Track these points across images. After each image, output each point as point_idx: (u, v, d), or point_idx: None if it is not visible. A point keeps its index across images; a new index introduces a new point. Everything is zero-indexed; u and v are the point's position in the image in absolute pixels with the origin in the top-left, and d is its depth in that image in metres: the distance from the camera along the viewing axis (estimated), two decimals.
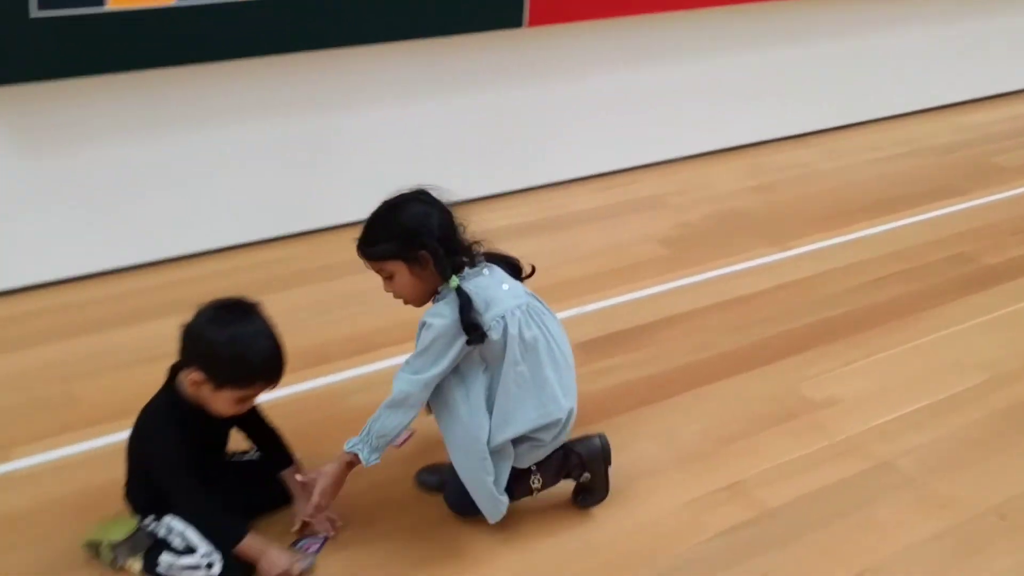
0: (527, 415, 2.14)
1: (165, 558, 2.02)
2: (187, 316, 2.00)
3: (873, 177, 4.43)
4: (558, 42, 3.88)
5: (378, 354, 2.90)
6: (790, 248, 3.70)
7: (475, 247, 2.19)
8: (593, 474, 2.29)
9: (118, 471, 2.14)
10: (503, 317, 2.10)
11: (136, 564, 2.05)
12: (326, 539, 2.18)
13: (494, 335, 2.08)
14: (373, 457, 2.10)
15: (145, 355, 2.83)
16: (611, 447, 2.29)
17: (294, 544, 2.16)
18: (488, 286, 2.14)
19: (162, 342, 2.12)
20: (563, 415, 2.18)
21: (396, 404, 2.08)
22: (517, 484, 2.23)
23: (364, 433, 2.11)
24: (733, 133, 4.63)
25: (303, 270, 3.43)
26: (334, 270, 3.35)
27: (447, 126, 3.81)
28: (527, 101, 3.94)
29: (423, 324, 2.10)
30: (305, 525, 2.19)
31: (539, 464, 2.24)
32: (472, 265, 2.15)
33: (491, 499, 2.14)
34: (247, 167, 3.46)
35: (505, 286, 2.18)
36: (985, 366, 2.97)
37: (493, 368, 2.13)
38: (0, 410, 2.63)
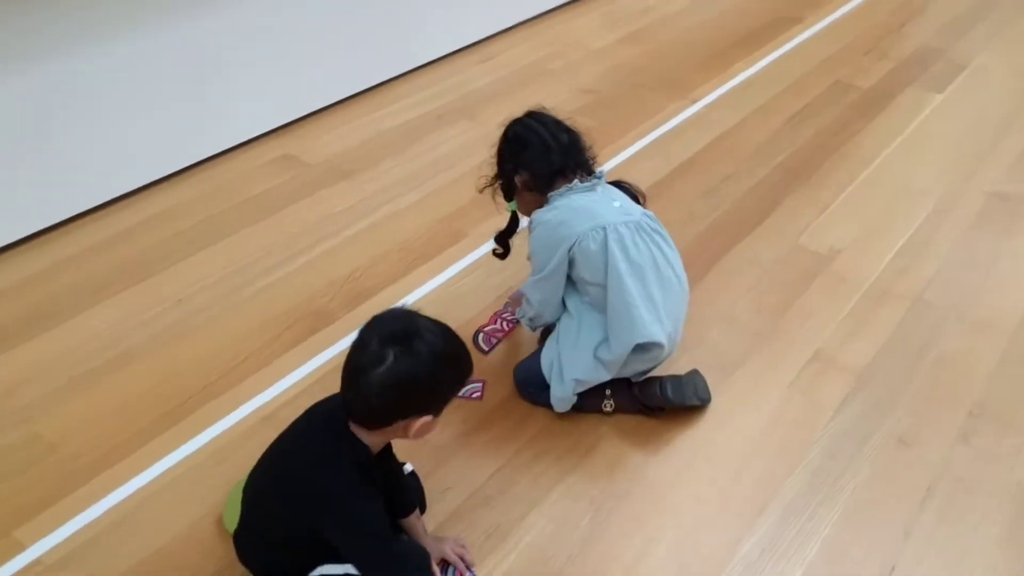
0: (628, 333, 2.04)
1: None
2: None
3: (717, 14, 4.45)
4: None
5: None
6: (697, 99, 3.64)
7: (581, 170, 2.12)
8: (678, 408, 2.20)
9: None
10: (603, 228, 2.02)
11: None
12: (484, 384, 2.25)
13: (592, 245, 2.02)
14: (525, 322, 2.27)
15: (99, 359, 2.25)
16: (707, 387, 2.20)
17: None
18: (595, 201, 2.08)
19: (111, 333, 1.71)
20: (663, 339, 2.06)
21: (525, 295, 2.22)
22: (589, 398, 2.18)
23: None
24: None
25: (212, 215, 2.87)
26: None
27: (325, 9, 3.26)
28: None
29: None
30: None
31: (615, 389, 2.18)
32: (581, 180, 2.10)
33: (567, 396, 2.13)
34: (102, 102, 2.76)
35: (616, 203, 2.10)
36: (926, 188, 3.15)
37: (601, 279, 2.05)
38: None
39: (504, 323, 2.46)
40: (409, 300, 2.54)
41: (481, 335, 2.43)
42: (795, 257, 2.78)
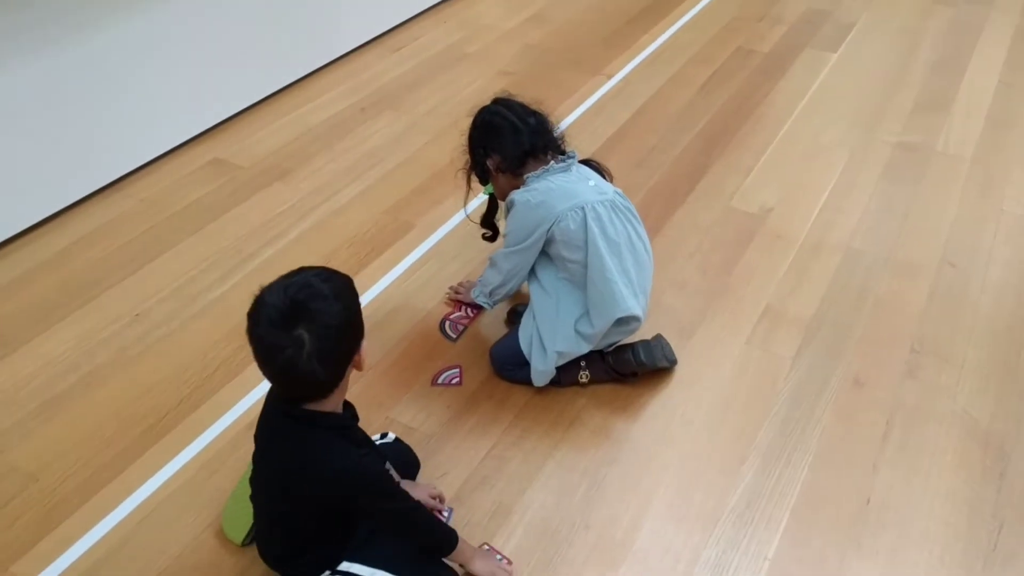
0: (609, 307, 2.14)
1: None
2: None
3: None
4: None
5: None
6: (611, 75, 3.74)
7: (551, 151, 2.21)
8: (649, 372, 2.31)
9: None
10: (582, 208, 2.12)
11: None
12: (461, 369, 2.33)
13: (572, 224, 2.12)
14: (482, 299, 2.38)
15: (63, 384, 2.20)
16: (672, 350, 2.30)
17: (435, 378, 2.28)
18: (571, 180, 2.17)
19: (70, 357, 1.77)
20: (640, 313, 2.18)
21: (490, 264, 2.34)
22: (565, 372, 2.27)
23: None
24: None
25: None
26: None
27: (237, 8, 3.21)
28: None
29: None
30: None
31: (589, 361, 2.27)
32: (556, 160, 2.19)
33: (549, 370, 2.21)
34: (21, 120, 2.66)
35: (591, 182, 2.19)
36: (837, 143, 3.34)
37: (581, 257, 2.14)
38: None
39: (467, 310, 2.51)
40: (367, 298, 2.55)
41: (447, 323, 2.47)
42: (730, 218, 2.92)
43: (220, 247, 2.73)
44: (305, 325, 1.45)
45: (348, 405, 1.69)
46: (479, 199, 2.49)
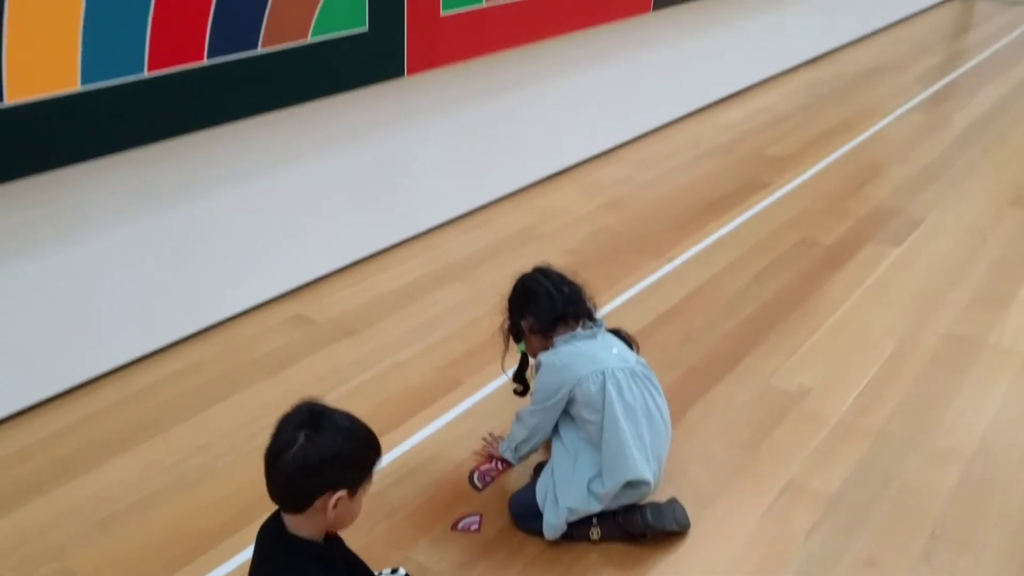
0: (620, 470, 2.28)
1: None
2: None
3: (689, 181, 4.84)
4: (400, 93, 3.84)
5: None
6: (672, 258, 3.96)
7: (582, 318, 2.41)
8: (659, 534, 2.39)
9: None
10: (603, 373, 2.29)
11: None
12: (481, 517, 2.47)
13: (592, 387, 2.28)
14: (508, 454, 2.53)
15: (125, 502, 2.44)
16: (686, 514, 2.40)
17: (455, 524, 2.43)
18: (595, 347, 2.36)
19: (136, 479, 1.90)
20: (650, 478, 2.31)
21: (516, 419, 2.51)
22: (577, 527, 2.37)
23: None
24: (560, 158, 4.87)
25: (223, 374, 3.11)
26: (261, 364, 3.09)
27: (332, 183, 3.62)
28: (395, 147, 3.86)
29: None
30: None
31: (601, 518, 2.37)
32: (584, 327, 2.38)
33: (559, 524, 2.32)
34: (131, 270, 3.06)
35: (614, 350, 2.38)
36: (886, 330, 3.42)
37: (599, 419, 2.28)
38: None
39: (498, 463, 2.66)
40: (408, 444, 2.75)
41: (476, 474, 2.63)
42: (766, 397, 3.01)
43: (285, 391, 3.00)
44: (308, 432, 1.70)
45: (338, 540, 1.86)
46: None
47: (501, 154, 4.43)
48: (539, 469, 2.59)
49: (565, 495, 2.31)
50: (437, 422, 2.86)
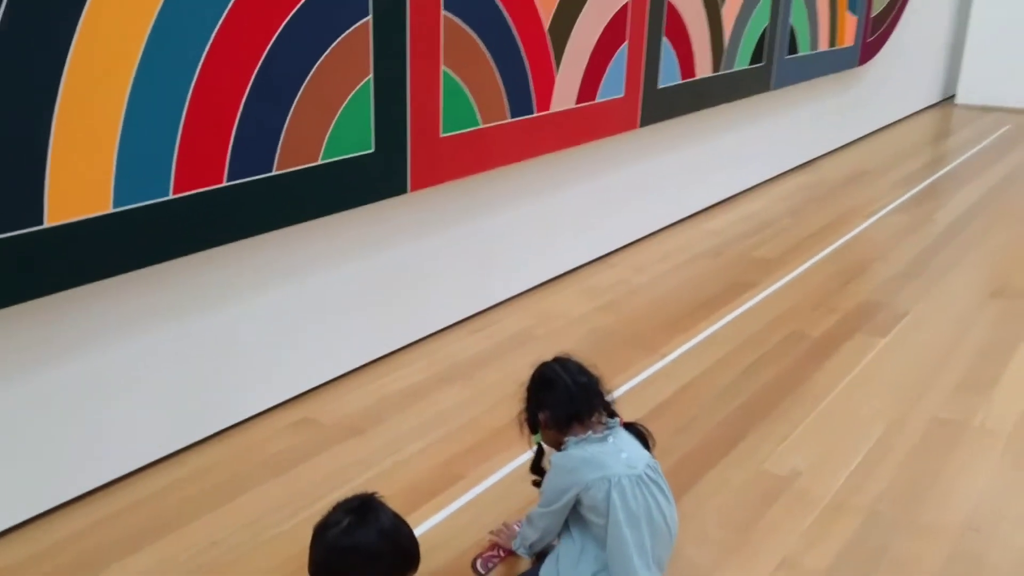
0: (619, 574, 2.37)
1: None
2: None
3: (681, 283, 5.03)
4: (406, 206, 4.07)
5: None
6: (665, 354, 4.11)
7: (598, 413, 2.51)
8: None
9: None
10: (608, 479, 2.37)
11: None
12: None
13: (598, 494, 2.37)
14: (521, 551, 2.63)
15: None
16: None
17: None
18: (605, 452, 2.43)
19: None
20: None
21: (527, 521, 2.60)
22: None
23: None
24: (557, 264, 5.08)
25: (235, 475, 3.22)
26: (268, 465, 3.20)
27: (339, 292, 3.81)
28: (400, 257, 4.07)
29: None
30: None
31: None
32: (600, 422, 2.49)
33: None
34: (148, 378, 3.21)
35: (624, 455, 2.45)
36: (874, 414, 3.54)
37: (604, 523, 2.38)
38: None
39: (500, 550, 2.75)
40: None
41: (479, 560, 2.71)
42: (759, 480, 3.11)
43: (293, 490, 3.10)
44: (354, 520, 1.86)
45: None
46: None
47: (500, 261, 4.64)
48: (541, 556, 2.67)
49: None
50: (440, 514, 2.95)
